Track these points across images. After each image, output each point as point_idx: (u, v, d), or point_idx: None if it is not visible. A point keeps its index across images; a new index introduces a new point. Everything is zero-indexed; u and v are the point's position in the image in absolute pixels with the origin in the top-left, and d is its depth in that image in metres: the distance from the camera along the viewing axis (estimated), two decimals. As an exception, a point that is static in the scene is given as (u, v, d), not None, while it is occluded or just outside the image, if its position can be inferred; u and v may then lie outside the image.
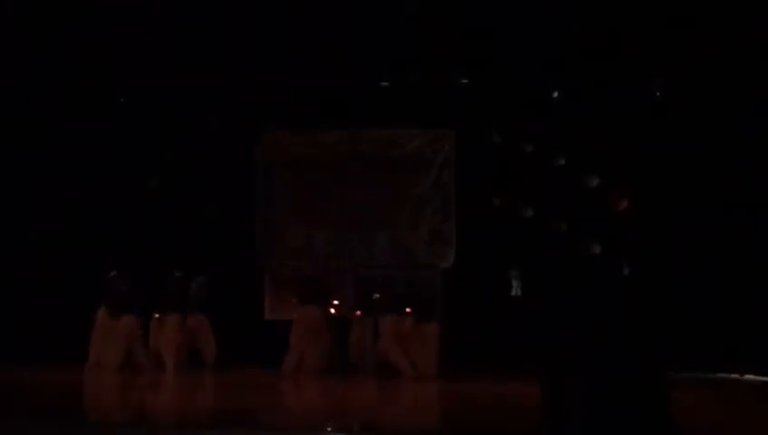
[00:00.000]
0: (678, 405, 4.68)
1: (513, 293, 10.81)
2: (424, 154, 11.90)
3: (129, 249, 11.37)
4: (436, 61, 11.12)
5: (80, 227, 11.62)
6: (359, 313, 10.94)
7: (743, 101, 10.44)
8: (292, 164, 12.15)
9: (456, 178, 11.79)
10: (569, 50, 10.68)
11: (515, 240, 10.76)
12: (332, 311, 10.92)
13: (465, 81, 11.34)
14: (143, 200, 11.83)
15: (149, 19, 11.16)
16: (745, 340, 10.10)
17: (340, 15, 10.75)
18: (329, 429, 5.56)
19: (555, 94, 10.90)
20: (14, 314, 11.25)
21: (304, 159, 12.10)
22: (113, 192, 11.73)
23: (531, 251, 10.43)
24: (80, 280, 11.07)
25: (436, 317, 10.55)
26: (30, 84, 11.54)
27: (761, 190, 10.36)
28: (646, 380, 4.81)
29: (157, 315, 10.85)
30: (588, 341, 5.02)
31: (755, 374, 10.31)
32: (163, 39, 11.33)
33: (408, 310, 10.46)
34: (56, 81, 11.57)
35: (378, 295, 10.79)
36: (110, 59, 11.44)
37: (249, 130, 12.04)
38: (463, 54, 11.20)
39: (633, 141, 10.21)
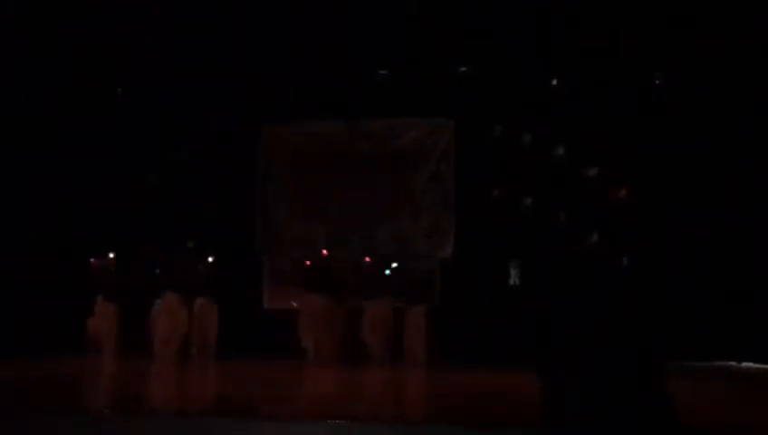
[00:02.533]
0: (678, 400, 4.64)
1: (512, 282, 10.80)
2: (423, 145, 11.91)
3: (129, 247, 11.40)
4: (436, 54, 11.13)
5: (80, 227, 11.62)
6: None
7: (742, 100, 10.44)
8: (293, 162, 12.16)
9: (454, 169, 11.78)
10: (569, 49, 10.69)
11: (514, 231, 10.74)
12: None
13: (463, 69, 11.32)
14: (143, 200, 11.84)
15: (149, 19, 11.20)
16: (743, 328, 10.08)
17: (339, 11, 10.77)
18: (323, 418, 5.54)
19: (554, 82, 10.90)
20: (13, 314, 11.24)
21: (304, 154, 12.12)
22: (113, 192, 11.74)
23: (530, 243, 10.41)
24: (79, 279, 11.06)
25: (423, 301, 10.67)
26: (30, 84, 11.55)
27: (759, 185, 10.36)
28: (646, 378, 4.78)
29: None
30: (587, 338, 4.99)
31: (753, 362, 10.31)
32: (163, 39, 11.35)
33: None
34: (56, 81, 11.59)
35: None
36: (109, 59, 11.46)
37: (249, 130, 12.05)
38: (462, 51, 11.22)
39: (632, 134, 10.21)
